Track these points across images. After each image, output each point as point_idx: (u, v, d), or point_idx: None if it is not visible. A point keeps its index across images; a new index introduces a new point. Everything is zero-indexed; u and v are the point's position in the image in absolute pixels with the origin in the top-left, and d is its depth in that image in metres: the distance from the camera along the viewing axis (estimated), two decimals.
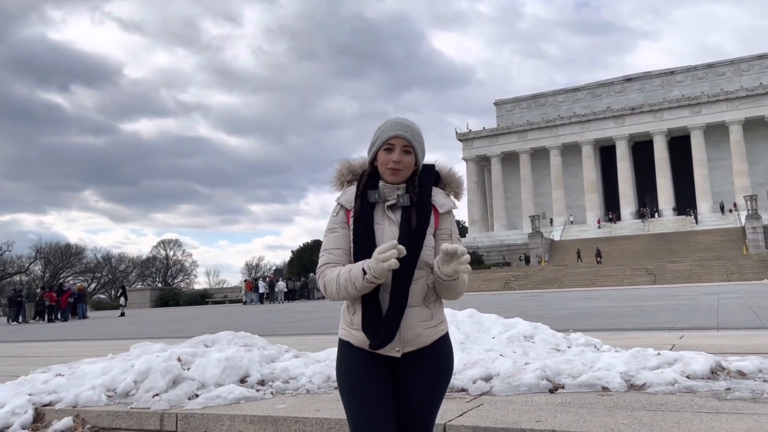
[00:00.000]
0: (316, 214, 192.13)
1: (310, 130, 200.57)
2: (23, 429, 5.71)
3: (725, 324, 11.63)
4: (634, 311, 15.99)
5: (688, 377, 5.09)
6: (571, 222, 72.27)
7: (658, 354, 5.63)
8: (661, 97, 72.12)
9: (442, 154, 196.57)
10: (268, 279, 56.70)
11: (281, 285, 52.91)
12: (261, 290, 51.53)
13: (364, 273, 2.17)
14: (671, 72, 75.16)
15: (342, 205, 2.42)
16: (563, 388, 5.12)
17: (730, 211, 63.78)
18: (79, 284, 50.12)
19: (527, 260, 60.46)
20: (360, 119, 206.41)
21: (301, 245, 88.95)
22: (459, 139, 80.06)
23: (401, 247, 2.14)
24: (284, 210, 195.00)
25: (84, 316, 36.32)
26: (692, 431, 3.58)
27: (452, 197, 2.50)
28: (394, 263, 2.10)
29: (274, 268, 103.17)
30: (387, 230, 2.33)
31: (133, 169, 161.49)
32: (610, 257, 54.68)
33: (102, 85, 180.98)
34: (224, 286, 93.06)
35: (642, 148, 72.48)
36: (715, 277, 39.38)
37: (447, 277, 2.21)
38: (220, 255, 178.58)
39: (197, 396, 5.76)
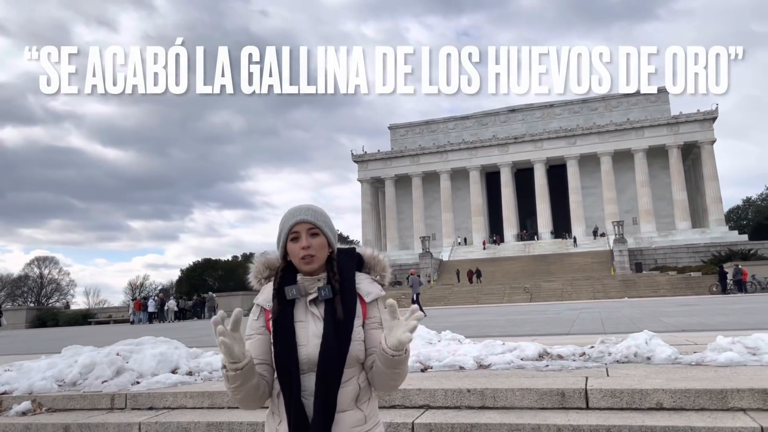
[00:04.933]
0: (202, 231, 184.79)
1: (195, 144, 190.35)
2: None
3: (575, 331, 13.86)
4: (506, 323, 18.14)
5: (522, 359, 6.89)
6: (459, 243, 75.89)
7: (503, 344, 7.42)
8: (542, 128, 77.55)
9: (334, 173, 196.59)
10: (158, 298, 55.53)
11: (171, 304, 51.84)
12: (151, 309, 50.28)
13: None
14: (551, 105, 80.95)
15: (261, 306, 2.27)
16: (431, 368, 6.78)
17: (602, 235, 69.46)
18: None
19: None
20: (248, 134, 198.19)
21: (191, 264, 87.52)
22: (354, 161, 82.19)
23: (232, 312, 2.06)
24: (168, 227, 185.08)
25: None
26: (511, 384, 5.32)
27: (378, 281, 2.34)
28: (220, 339, 2.00)
29: (160, 287, 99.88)
30: (311, 327, 2.18)
31: None
32: (494, 277, 58.18)
33: None
34: (105, 306, 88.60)
35: (524, 175, 77.45)
36: (583, 295, 43.28)
37: (394, 351, 2.08)
38: (96, 274, 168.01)
39: (139, 383, 6.98)
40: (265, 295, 2.28)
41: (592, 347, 7.14)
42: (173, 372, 7.45)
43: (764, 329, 8.71)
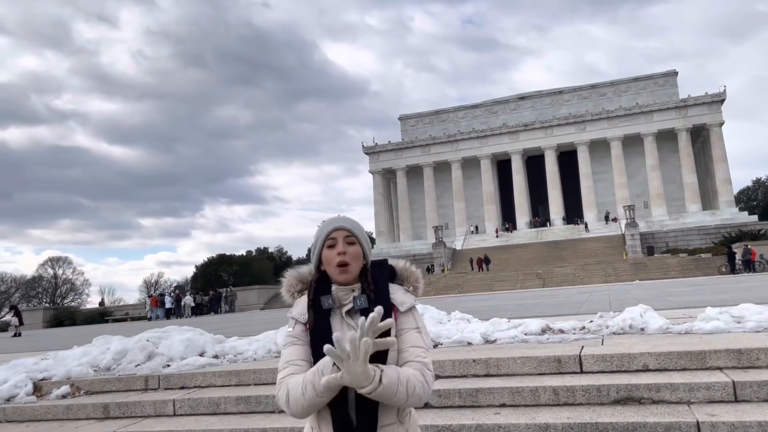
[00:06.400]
0: (214, 227, 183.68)
1: (202, 139, 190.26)
2: (27, 396, 7.28)
3: (583, 312, 14.30)
4: (517, 307, 18.59)
5: (525, 334, 7.37)
6: (472, 232, 76.28)
7: (509, 321, 7.91)
8: (551, 114, 77.59)
9: (343, 166, 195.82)
10: (174, 294, 56.35)
11: (188, 299, 52.59)
12: (168, 305, 51.06)
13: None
14: (560, 92, 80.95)
15: (296, 320, 2.24)
16: (441, 344, 7.29)
17: (614, 220, 69.57)
18: None
19: (431, 269, 63.58)
20: (255, 128, 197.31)
21: (206, 260, 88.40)
22: (366, 152, 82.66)
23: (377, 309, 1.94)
24: (179, 224, 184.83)
25: None
26: (512, 354, 5.82)
27: (411, 292, 2.32)
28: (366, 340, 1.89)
29: (175, 284, 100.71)
30: None
31: (2, 181, 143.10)
32: (507, 264, 58.57)
33: None
34: (121, 303, 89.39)
35: (535, 162, 77.61)
36: (595, 279, 43.62)
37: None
38: (109, 273, 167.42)
39: (169, 365, 7.54)
40: (300, 308, 2.25)
41: (591, 321, 7.62)
42: (200, 355, 8.01)
43: (764, 304, 9.13)
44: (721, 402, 4.58)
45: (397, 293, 2.24)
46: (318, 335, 2.13)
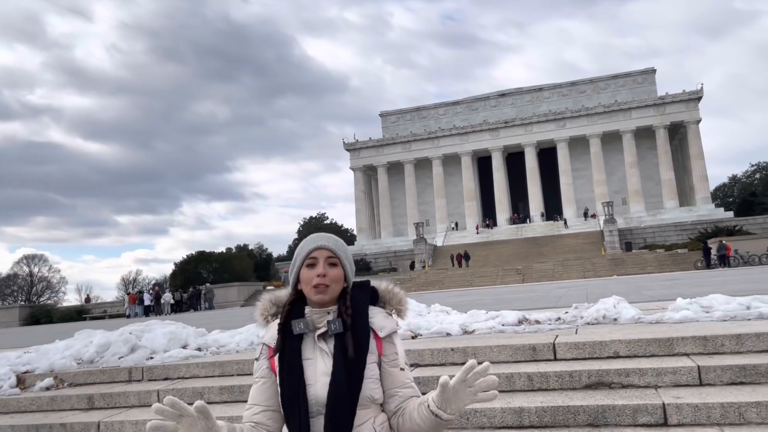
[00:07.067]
0: (192, 224, 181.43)
1: (180, 135, 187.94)
2: (11, 388, 7.34)
3: (561, 305, 14.56)
4: (495, 301, 18.82)
5: (503, 325, 7.56)
6: (453, 228, 76.67)
7: (486, 312, 8.10)
8: (531, 111, 78.16)
9: (323, 162, 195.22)
10: (153, 291, 56.02)
11: (167, 297, 52.32)
12: (147, 302, 50.76)
13: None
14: (540, 89, 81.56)
15: (265, 345, 2.14)
16: (421, 335, 7.46)
17: (593, 216, 70.32)
18: None
19: (412, 266, 63.82)
20: (233, 124, 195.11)
21: (185, 257, 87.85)
22: (346, 149, 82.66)
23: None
24: (157, 221, 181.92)
25: None
26: (489, 342, 6.00)
27: (395, 316, 2.19)
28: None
29: (153, 282, 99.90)
30: (319, 365, 2.02)
31: None
32: (487, 260, 58.99)
33: None
34: (99, 301, 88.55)
35: (515, 159, 78.13)
36: (574, 274, 44.12)
37: (449, 415, 1.90)
38: (86, 270, 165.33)
39: (152, 358, 7.63)
40: (272, 332, 2.14)
41: (567, 312, 7.84)
42: (183, 348, 8.10)
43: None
44: (686, 386, 4.80)
45: (377, 317, 2.11)
46: (286, 359, 2.03)
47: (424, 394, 2.08)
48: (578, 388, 5.01)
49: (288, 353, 2.03)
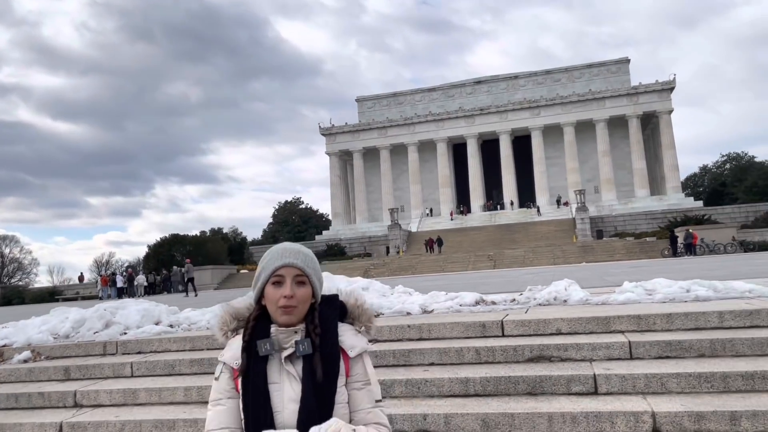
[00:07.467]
0: (165, 207, 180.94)
1: (152, 116, 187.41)
2: None
3: (523, 290, 15.08)
4: (465, 286, 19.29)
5: (460, 305, 8.00)
6: (427, 215, 77.31)
7: (446, 294, 8.54)
8: (507, 99, 78.85)
9: (297, 146, 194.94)
10: (126, 273, 55.86)
11: (141, 279, 52.33)
12: (119, 284, 50.66)
13: None
14: (515, 76, 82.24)
15: (226, 364, 2.00)
16: (383, 314, 7.87)
17: (565, 204, 71.41)
18: None
19: (387, 251, 64.34)
20: (207, 106, 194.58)
21: (158, 239, 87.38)
22: (322, 134, 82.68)
23: None
24: (129, 203, 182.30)
25: None
26: (443, 320, 6.44)
27: (364, 333, 2.09)
28: None
29: (126, 264, 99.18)
30: (287, 390, 1.92)
31: None
32: (460, 247, 59.71)
33: None
34: (71, 283, 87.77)
35: (490, 146, 78.84)
36: (544, 261, 44.99)
37: None
38: (57, 252, 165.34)
39: (126, 333, 7.96)
40: (232, 351, 2.00)
41: (521, 294, 8.31)
42: (156, 324, 8.44)
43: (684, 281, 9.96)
44: (618, 359, 5.27)
45: (347, 335, 2.01)
46: (251, 383, 1.91)
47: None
48: (521, 361, 5.46)
49: (253, 377, 1.92)
